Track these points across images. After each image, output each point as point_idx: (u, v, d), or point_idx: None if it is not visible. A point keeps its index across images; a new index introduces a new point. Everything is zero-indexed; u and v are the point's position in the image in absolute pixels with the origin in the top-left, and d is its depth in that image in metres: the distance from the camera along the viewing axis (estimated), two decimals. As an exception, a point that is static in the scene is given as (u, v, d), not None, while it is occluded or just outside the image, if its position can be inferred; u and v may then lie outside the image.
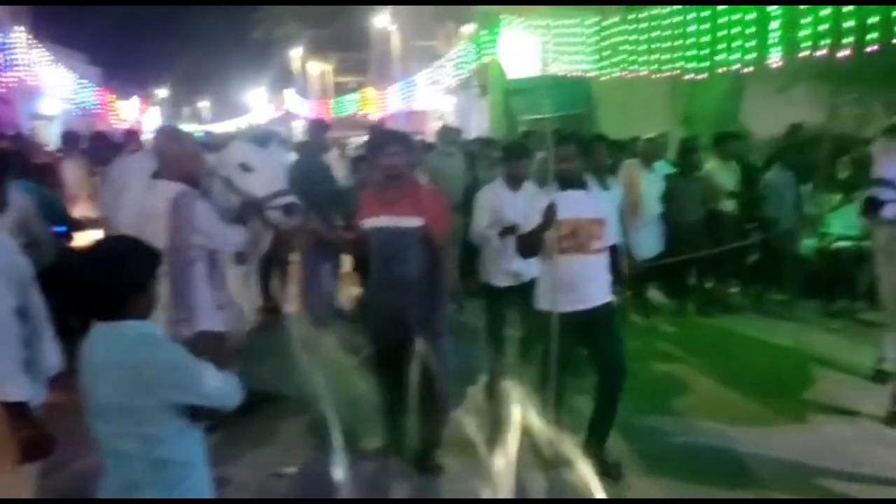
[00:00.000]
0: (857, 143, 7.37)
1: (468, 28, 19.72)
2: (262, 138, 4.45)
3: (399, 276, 4.14)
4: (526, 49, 16.45)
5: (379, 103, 27.12)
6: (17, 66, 18.23)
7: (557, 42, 15.26)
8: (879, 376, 5.50)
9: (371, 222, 4.26)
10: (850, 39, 8.82)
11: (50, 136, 17.75)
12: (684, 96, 14.46)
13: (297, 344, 5.27)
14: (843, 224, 7.52)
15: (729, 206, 7.69)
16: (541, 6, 16.44)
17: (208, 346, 3.76)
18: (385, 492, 4.17)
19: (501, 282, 5.20)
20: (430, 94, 21.78)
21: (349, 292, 7.80)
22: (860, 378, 5.67)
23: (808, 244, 7.99)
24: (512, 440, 3.94)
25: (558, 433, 4.01)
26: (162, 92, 50.64)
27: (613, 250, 4.30)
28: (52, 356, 2.76)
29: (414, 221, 4.11)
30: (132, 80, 39.59)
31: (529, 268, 4.62)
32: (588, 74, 14.80)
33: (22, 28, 18.79)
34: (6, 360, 2.49)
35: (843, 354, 6.20)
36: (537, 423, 4.04)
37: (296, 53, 41.67)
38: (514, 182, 5.15)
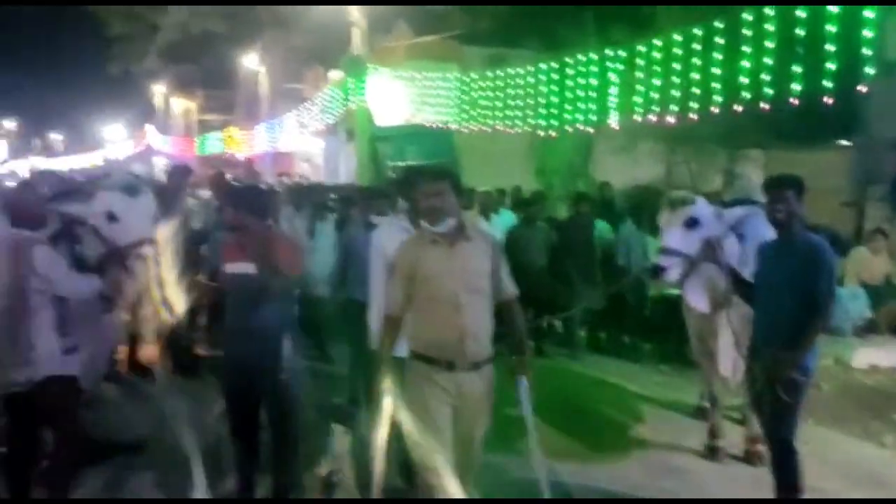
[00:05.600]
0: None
1: (336, 73, 20.02)
2: (130, 187, 4.48)
3: (249, 324, 4.22)
4: (393, 97, 16.92)
5: (245, 143, 26.85)
6: None
7: (423, 93, 15.80)
8: (699, 413, 6.10)
9: (225, 269, 4.38)
10: (676, 108, 9.76)
11: None
12: (539, 150, 15.38)
13: (156, 391, 5.22)
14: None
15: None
16: (410, 60, 17.06)
17: (55, 391, 3.77)
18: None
19: None
20: (296, 136, 21.83)
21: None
22: (683, 415, 6.26)
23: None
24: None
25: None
26: (9, 123, 47.69)
27: None
28: None
29: (262, 268, 4.20)
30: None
31: None
32: (451, 125, 15.40)
33: None
34: None
35: (670, 393, 6.82)
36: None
37: (159, 89, 40.53)
38: None
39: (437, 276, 3.56)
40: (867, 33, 7.67)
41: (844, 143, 16.30)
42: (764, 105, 9.14)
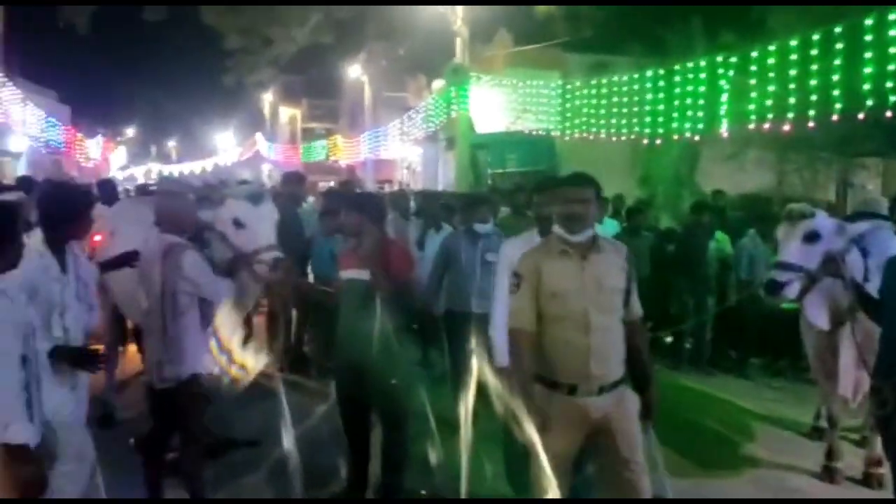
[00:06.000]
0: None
1: (438, 83, 20.31)
2: (255, 196, 4.74)
3: (362, 328, 4.33)
4: (494, 105, 17.01)
5: (348, 150, 27.57)
6: (-13, 103, 18.27)
7: (524, 100, 15.82)
8: (815, 432, 5.88)
9: (341, 274, 4.57)
10: (790, 115, 9.43)
11: (16, 173, 17.75)
12: (642, 158, 15.12)
13: (272, 391, 5.44)
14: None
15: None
16: (511, 67, 17.12)
17: (196, 389, 4.01)
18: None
19: None
20: (398, 144, 22.25)
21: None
22: (797, 434, 6.05)
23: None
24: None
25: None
26: (129, 131, 50.63)
27: None
28: (50, 400, 2.97)
29: (377, 274, 4.34)
30: (100, 118, 39.75)
31: None
32: (552, 133, 15.35)
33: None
34: (12, 405, 2.71)
35: (783, 411, 6.60)
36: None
37: (266, 98, 42.17)
38: None
39: (566, 291, 3.26)
40: None
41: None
42: (888, 113, 8.73)
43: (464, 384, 4.20)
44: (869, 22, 8.18)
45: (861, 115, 8.90)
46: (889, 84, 8.15)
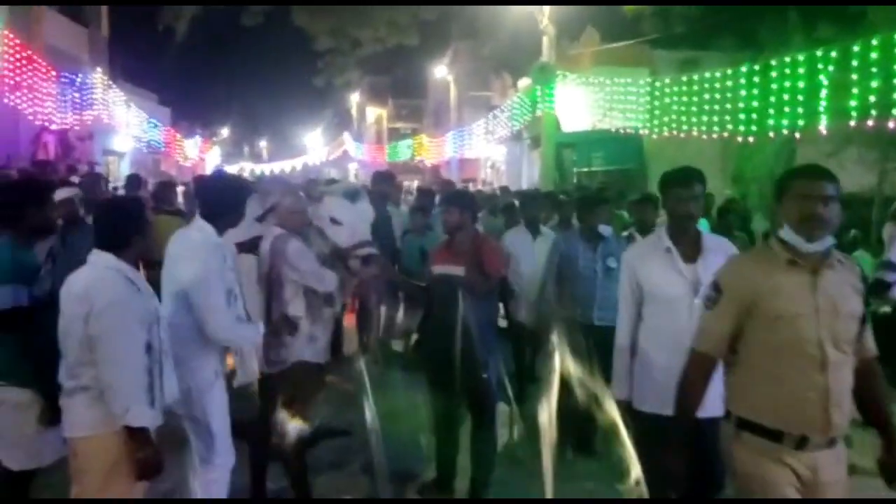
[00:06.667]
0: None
1: (524, 81, 20.29)
2: (352, 194, 4.90)
3: (455, 323, 4.42)
4: (579, 103, 16.86)
5: (433, 150, 27.85)
6: (94, 105, 19.27)
7: (611, 98, 15.62)
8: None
9: (434, 270, 4.69)
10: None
11: (120, 172, 18.75)
12: (734, 156, 14.71)
13: (362, 382, 5.59)
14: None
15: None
16: (597, 65, 16.95)
17: (304, 377, 4.19)
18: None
19: None
20: (482, 143, 22.34)
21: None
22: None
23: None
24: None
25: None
26: (224, 131, 52.52)
27: None
28: (170, 385, 3.19)
29: (468, 270, 4.45)
30: (198, 119, 41.37)
31: None
32: (640, 131, 15.12)
33: (99, 70, 19.94)
34: (134, 389, 2.94)
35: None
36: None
37: (354, 98, 43.06)
38: None
39: (796, 315, 2.57)
40: None
41: None
42: None
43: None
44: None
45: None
46: None
